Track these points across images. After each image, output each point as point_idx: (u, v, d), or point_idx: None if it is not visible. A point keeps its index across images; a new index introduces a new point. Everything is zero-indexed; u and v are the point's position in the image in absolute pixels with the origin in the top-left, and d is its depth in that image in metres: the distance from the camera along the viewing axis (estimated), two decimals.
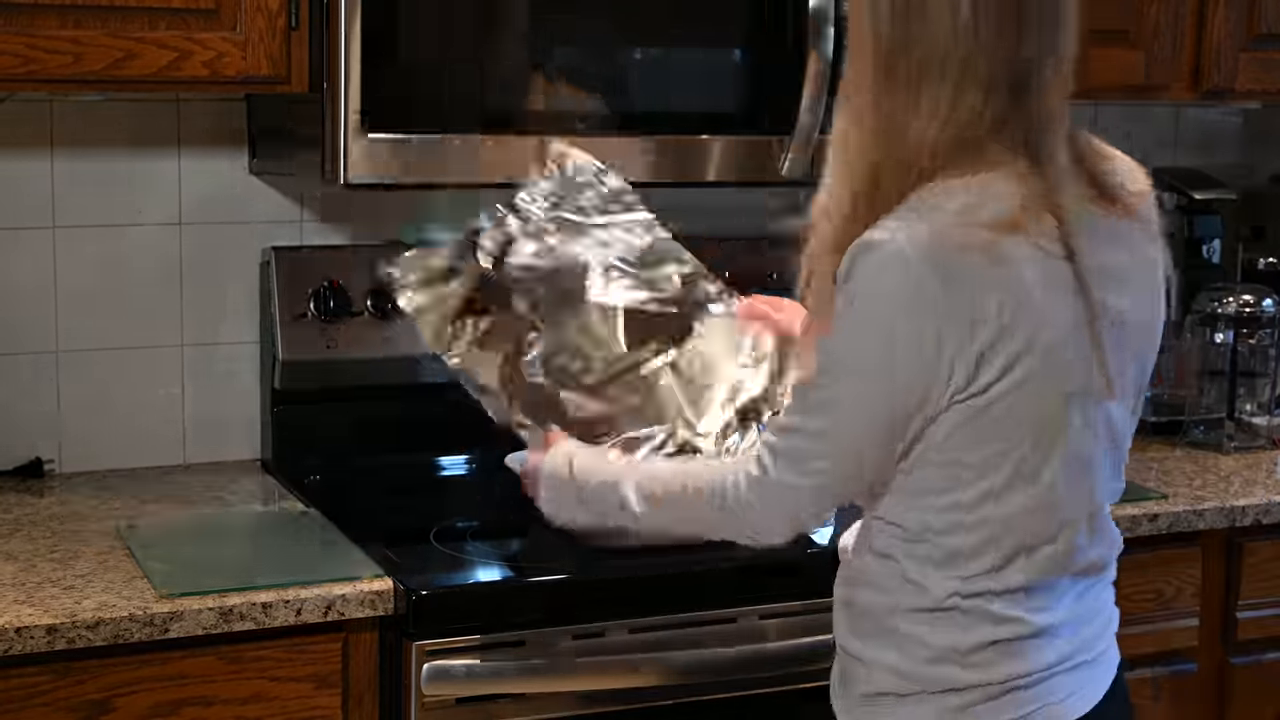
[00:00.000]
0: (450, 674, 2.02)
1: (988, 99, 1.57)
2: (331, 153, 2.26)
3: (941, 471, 1.62)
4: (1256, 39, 2.86)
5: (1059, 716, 1.68)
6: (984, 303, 1.55)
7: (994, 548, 1.63)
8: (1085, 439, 1.64)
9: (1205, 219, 3.02)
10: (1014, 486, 1.61)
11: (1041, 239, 1.57)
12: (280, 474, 2.59)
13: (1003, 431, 1.59)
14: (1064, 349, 1.59)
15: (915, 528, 1.65)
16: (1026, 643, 1.66)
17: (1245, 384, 2.87)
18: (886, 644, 1.70)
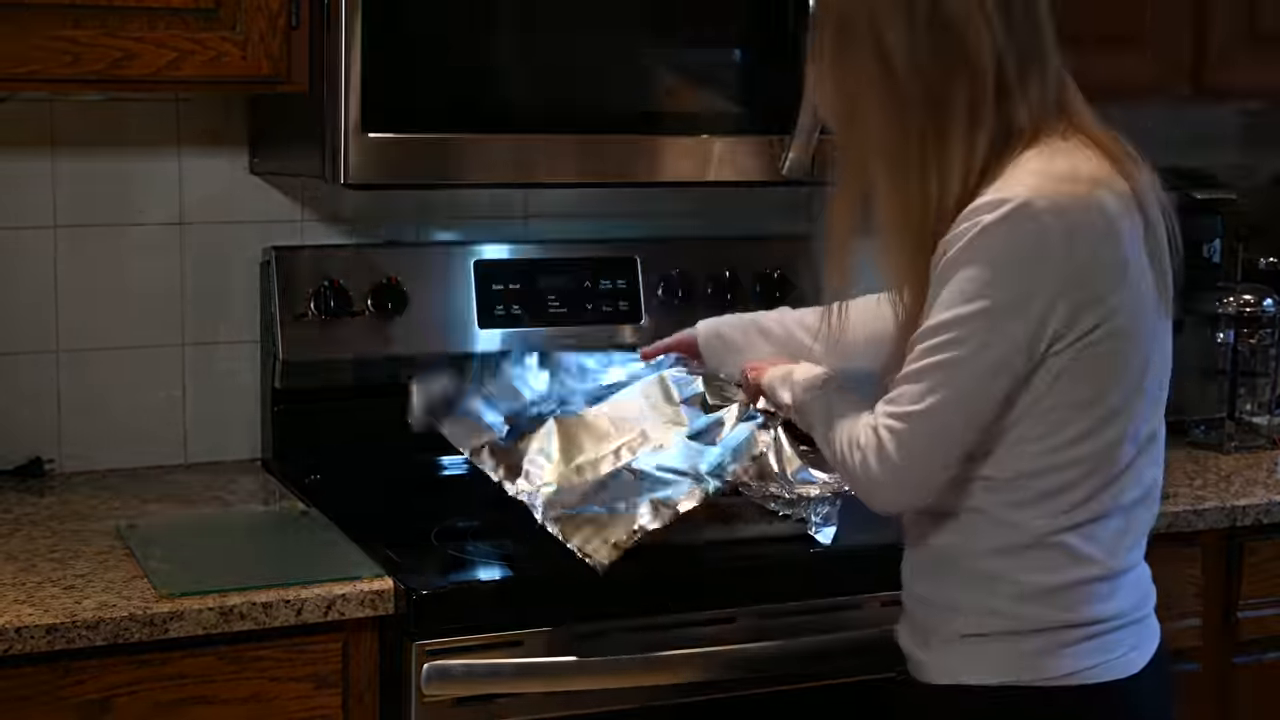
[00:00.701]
0: (450, 674, 2.02)
1: (1044, 92, 1.78)
2: (331, 153, 2.26)
3: (1043, 418, 1.74)
4: (1256, 39, 2.86)
5: (1124, 668, 1.79)
6: (1098, 250, 1.71)
7: (1083, 483, 1.76)
8: (1155, 368, 1.80)
9: (1205, 219, 3.02)
10: (1107, 423, 1.75)
11: (1122, 192, 1.75)
12: (280, 474, 2.59)
13: (1102, 373, 1.73)
14: (1146, 290, 1.77)
15: (1008, 475, 1.76)
16: (1104, 584, 1.78)
17: (1245, 384, 2.87)
18: (974, 585, 1.80)
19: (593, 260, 2.75)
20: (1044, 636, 1.78)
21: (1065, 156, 1.75)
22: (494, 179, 2.39)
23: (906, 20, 1.73)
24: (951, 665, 1.83)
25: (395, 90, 2.27)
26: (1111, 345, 1.73)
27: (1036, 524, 1.76)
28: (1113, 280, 1.73)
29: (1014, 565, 1.78)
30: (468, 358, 2.64)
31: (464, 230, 2.78)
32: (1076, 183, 1.72)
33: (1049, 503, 1.76)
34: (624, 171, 2.44)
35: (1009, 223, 1.69)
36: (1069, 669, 1.78)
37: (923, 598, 1.88)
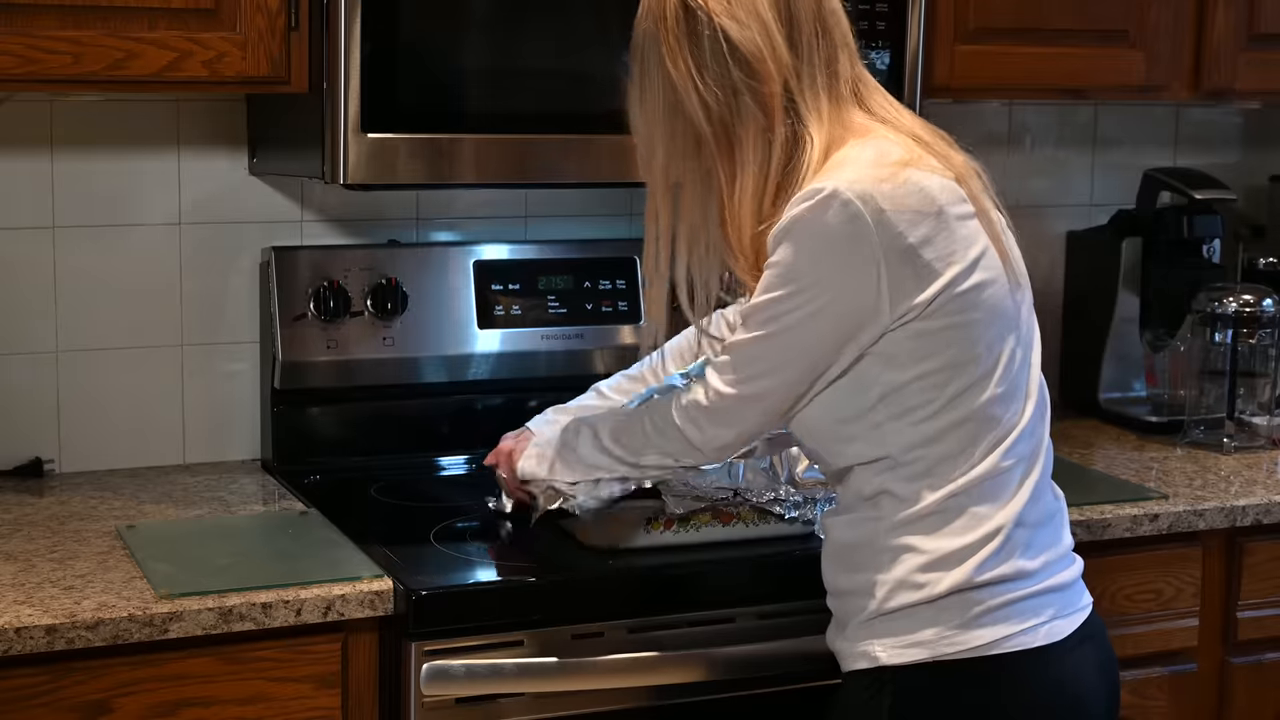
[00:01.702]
0: (450, 674, 2.02)
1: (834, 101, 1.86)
2: (331, 153, 2.26)
3: (914, 387, 1.81)
4: (1256, 39, 2.86)
5: (1046, 636, 1.83)
6: (917, 227, 1.77)
7: (970, 447, 1.82)
8: (1019, 326, 1.85)
9: (1205, 219, 3.02)
10: (982, 381, 1.81)
11: (935, 169, 1.82)
12: (280, 474, 2.59)
13: (959, 342, 1.80)
14: (984, 253, 1.82)
15: (900, 449, 1.83)
16: (1009, 539, 1.82)
17: (1245, 384, 2.86)
18: (884, 562, 1.84)
19: (592, 261, 2.75)
20: (958, 602, 1.81)
21: (873, 146, 1.83)
22: (493, 179, 2.39)
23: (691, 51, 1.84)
24: (867, 648, 1.86)
25: (394, 90, 2.27)
26: (960, 317, 1.79)
27: (936, 492, 1.82)
28: (941, 254, 1.79)
29: (918, 533, 1.83)
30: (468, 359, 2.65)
31: (463, 230, 2.78)
32: (884, 166, 1.79)
33: (944, 469, 1.82)
34: (624, 172, 2.43)
35: (820, 209, 1.77)
36: (986, 639, 1.81)
37: (841, 590, 1.92)
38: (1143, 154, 3.22)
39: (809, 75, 1.85)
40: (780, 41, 1.83)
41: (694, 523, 2.15)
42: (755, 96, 1.83)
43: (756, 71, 1.82)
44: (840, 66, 1.87)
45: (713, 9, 1.83)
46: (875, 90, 1.92)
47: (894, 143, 1.84)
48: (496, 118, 2.35)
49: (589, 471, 2.04)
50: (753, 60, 1.82)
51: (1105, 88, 2.81)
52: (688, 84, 1.85)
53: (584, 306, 2.72)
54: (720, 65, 1.83)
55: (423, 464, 2.65)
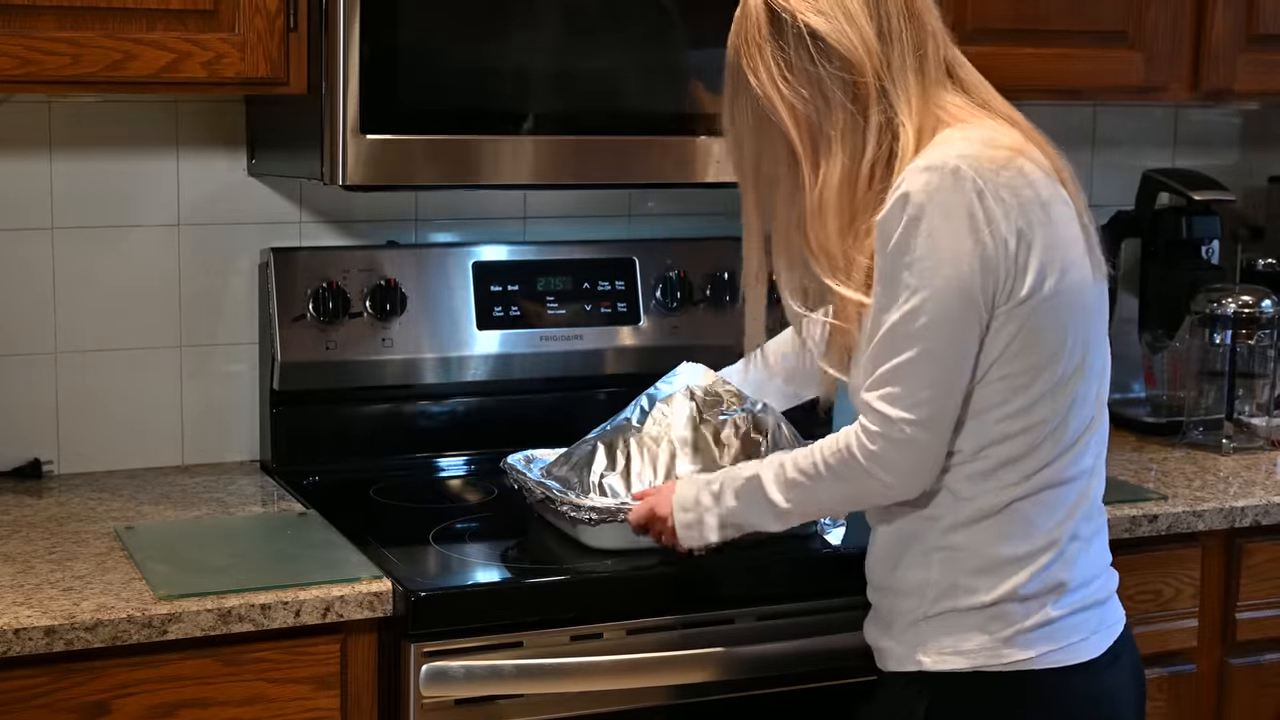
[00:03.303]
0: (449, 675, 2.02)
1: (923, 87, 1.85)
2: (330, 154, 2.26)
3: (999, 384, 1.80)
4: (1256, 39, 2.86)
5: (1085, 652, 1.84)
6: (1021, 211, 1.77)
7: (1037, 451, 1.82)
8: (1098, 332, 1.87)
9: (1204, 219, 3.02)
10: (1061, 387, 1.81)
11: (1040, 162, 1.83)
12: (279, 475, 2.59)
13: (1053, 332, 1.80)
14: (1075, 251, 1.82)
15: (971, 448, 1.83)
16: (1060, 551, 1.83)
17: (1244, 385, 2.86)
18: (937, 562, 1.85)
19: (591, 262, 2.75)
20: (1003, 613, 1.82)
21: (980, 129, 1.83)
22: (492, 180, 2.39)
23: (776, 53, 1.85)
24: (913, 651, 1.86)
25: (393, 92, 2.27)
26: (1057, 307, 1.79)
27: (995, 495, 1.82)
28: (1047, 242, 1.79)
29: (974, 537, 1.83)
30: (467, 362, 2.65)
31: (462, 232, 2.78)
32: (998, 148, 1.80)
33: (1007, 471, 1.82)
34: (623, 173, 2.44)
35: (941, 187, 1.76)
36: (1028, 655, 1.82)
37: (887, 586, 1.91)
38: (1141, 155, 3.22)
39: (899, 61, 1.84)
40: (868, 29, 1.83)
41: None
42: (845, 88, 1.83)
43: (848, 62, 1.83)
44: (929, 49, 1.86)
45: (796, 7, 1.84)
46: (970, 71, 1.91)
47: (994, 128, 1.84)
48: (495, 119, 2.35)
49: (761, 530, 2.00)
50: (844, 52, 1.82)
51: (1104, 88, 2.81)
52: (772, 89, 1.86)
53: (583, 307, 2.72)
54: (807, 63, 1.84)
55: (422, 465, 2.65)
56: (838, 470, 1.85)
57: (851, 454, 1.83)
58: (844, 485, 1.86)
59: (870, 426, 1.81)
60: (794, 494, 1.90)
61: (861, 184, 1.84)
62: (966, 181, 1.75)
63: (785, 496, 1.90)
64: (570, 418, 2.47)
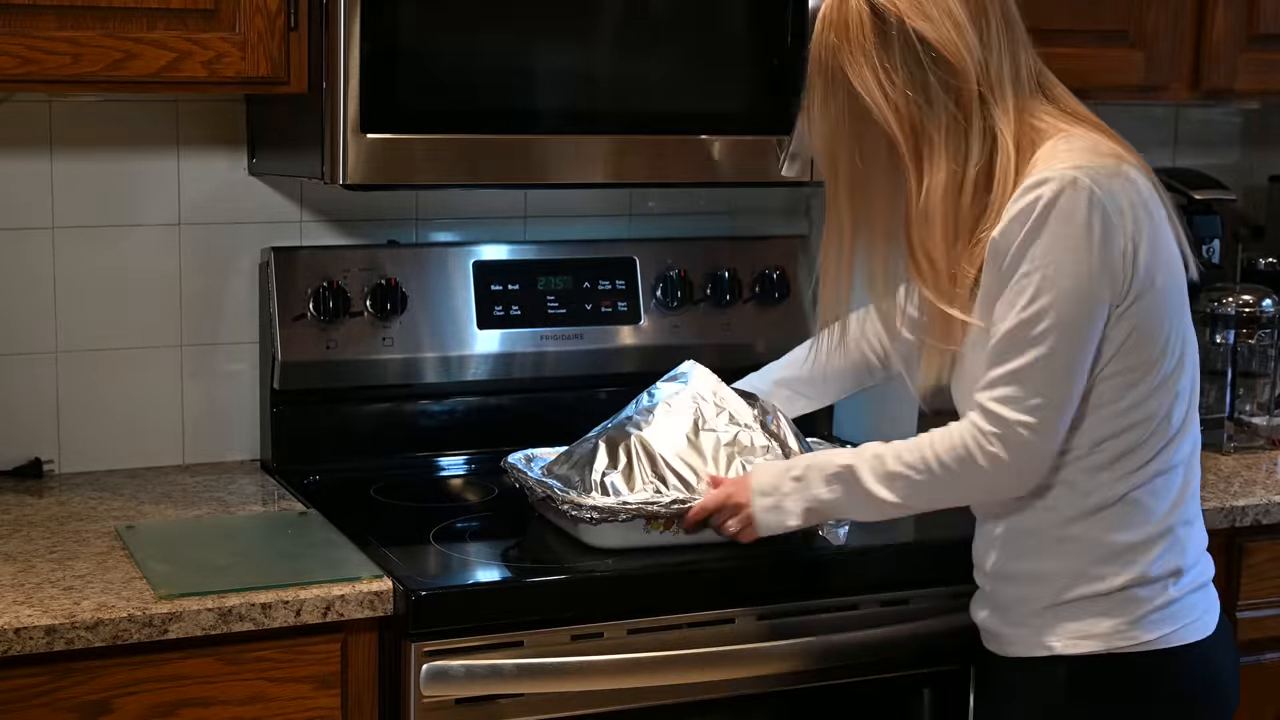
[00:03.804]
0: (449, 674, 2.02)
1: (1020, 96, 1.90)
2: (330, 153, 2.26)
3: (1114, 381, 1.87)
4: (1256, 39, 2.86)
5: (1201, 630, 1.93)
6: (1139, 215, 1.84)
7: (1148, 442, 1.89)
8: (1190, 328, 1.93)
9: (1205, 219, 3.02)
10: (1168, 380, 1.88)
11: (1138, 166, 1.89)
12: (280, 474, 2.59)
13: (1159, 330, 1.87)
14: (1173, 249, 1.89)
15: (1088, 443, 1.89)
16: (1175, 536, 1.91)
17: (1245, 384, 2.86)
18: (1059, 552, 1.91)
19: (591, 261, 2.75)
20: (1131, 597, 1.89)
21: (1081, 139, 1.88)
22: (493, 180, 2.39)
23: (880, 56, 1.86)
24: (1042, 635, 1.92)
25: (394, 91, 2.27)
26: (1163, 305, 1.87)
27: (1112, 487, 1.89)
28: (1153, 243, 1.86)
29: (1094, 527, 1.90)
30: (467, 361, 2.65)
31: (463, 231, 2.78)
32: (1103, 156, 1.85)
33: (1122, 464, 1.89)
34: (623, 172, 2.44)
35: (1062, 197, 1.81)
36: (1155, 634, 1.89)
37: (1004, 574, 1.97)
38: (1142, 154, 3.21)
39: (997, 69, 1.89)
40: (972, 37, 1.87)
41: None
42: (951, 93, 1.87)
43: (954, 68, 1.86)
44: (1023, 58, 1.92)
45: (903, 11, 1.86)
46: (1056, 83, 1.96)
47: (1098, 137, 1.89)
48: (495, 118, 2.35)
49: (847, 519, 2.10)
50: (950, 57, 1.86)
51: (1104, 88, 2.80)
52: (875, 90, 1.87)
53: (583, 307, 2.72)
54: (912, 66, 1.86)
55: (422, 464, 2.65)
56: (953, 468, 1.89)
57: (969, 453, 1.88)
58: (958, 483, 1.91)
59: (986, 427, 1.86)
60: (899, 487, 1.93)
61: (966, 192, 1.87)
62: (1084, 191, 1.81)
63: (889, 489, 1.94)
64: (570, 417, 2.47)
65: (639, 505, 2.11)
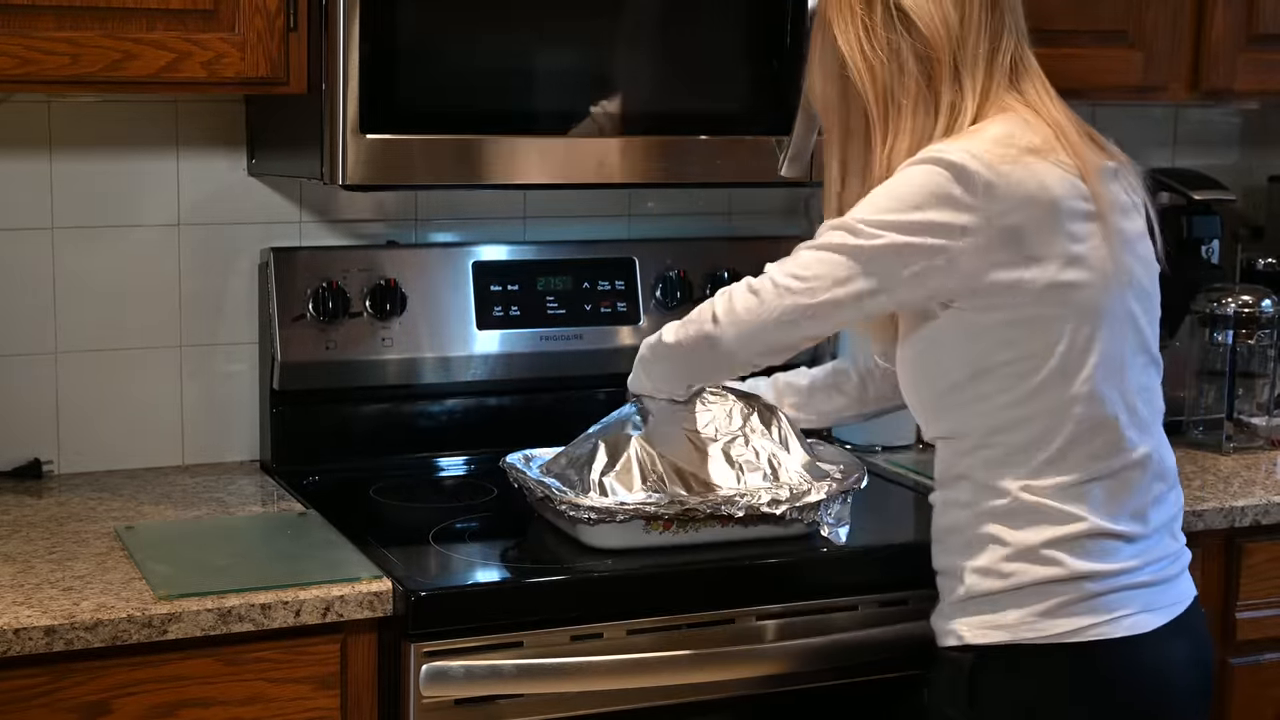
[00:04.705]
0: (449, 675, 2.02)
1: (989, 77, 1.93)
2: (330, 154, 2.26)
3: (1001, 372, 1.88)
4: (1256, 39, 2.86)
5: (1129, 628, 1.89)
6: (1022, 206, 1.84)
7: (1049, 440, 1.88)
8: (1115, 333, 1.89)
9: (1205, 219, 3.02)
10: (1065, 379, 1.87)
11: (1063, 164, 1.87)
12: (279, 475, 2.59)
13: (1044, 332, 1.86)
14: (1087, 251, 1.87)
15: (981, 432, 1.91)
16: (1093, 542, 1.89)
17: (1244, 384, 2.86)
18: (970, 549, 1.93)
19: (591, 261, 2.75)
20: (1042, 592, 1.88)
21: (1005, 124, 1.89)
22: (492, 180, 2.39)
23: (864, 18, 1.92)
24: (956, 627, 1.94)
25: (393, 91, 2.27)
26: (1050, 310, 1.86)
27: (1015, 485, 1.90)
28: (1043, 245, 1.85)
29: (1002, 528, 1.91)
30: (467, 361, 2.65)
31: (462, 231, 2.78)
32: (1010, 146, 1.86)
33: (1019, 462, 1.89)
34: (623, 172, 2.44)
35: (932, 166, 1.85)
36: (1067, 628, 1.87)
37: (938, 570, 2.00)
38: (1141, 154, 3.19)
39: (973, 48, 1.92)
40: (951, 12, 1.91)
41: (693, 524, 2.15)
42: (921, 63, 1.91)
43: (925, 38, 1.91)
44: (1003, 42, 1.94)
45: None
46: (1034, 75, 1.98)
47: (1030, 127, 1.90)
48: (495, 118, 2.35)
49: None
50: (924, 29, 1.91)
51: (1104, 88, 2.81)
52: (855, 51, 1.94)
53: (583, 307, 2.72)
54: (890, 31, 1.92)
55: (422, 465, 2.65)
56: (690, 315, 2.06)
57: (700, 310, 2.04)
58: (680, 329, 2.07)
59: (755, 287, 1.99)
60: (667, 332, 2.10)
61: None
62: (959, 168, 1.83)
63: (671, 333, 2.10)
64: (570, 418, 2.46)
65: (636, 505, 2.11)
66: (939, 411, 1.97)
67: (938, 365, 1.95)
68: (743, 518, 2.15)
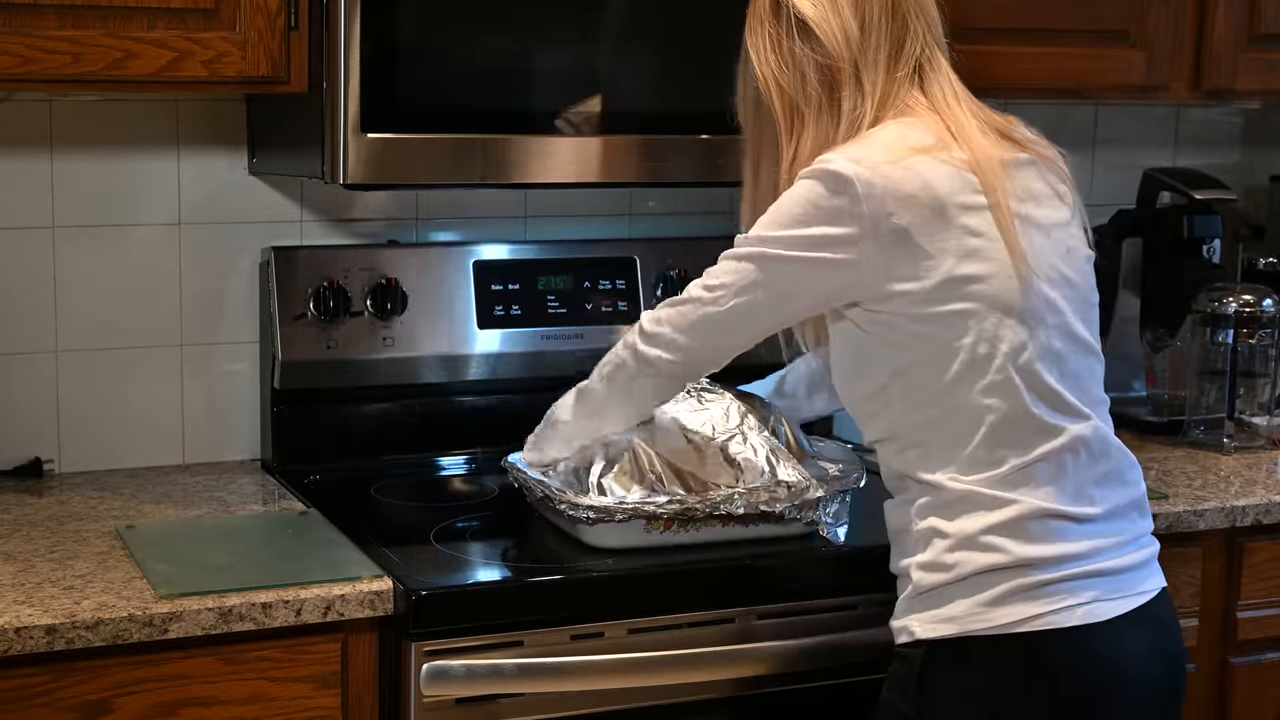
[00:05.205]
0: (450, 674, 2.02)
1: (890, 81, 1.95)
2: (330, 153, 2.26)
3: (916, 370, 1.90)
4: (1256, 39, 2.86)
5: (1083, 617, 1.86)
6: (906, 206, 1.85)
7: (973, 435, 1.89)
8: (1029, 322, 1.88)
9: (1205, 219, 3.02)
10: (975, 371, 1.88)
11: (954, 160, 1.89)
12: (280, 474, 2.59)
13: (954, 320, 1.87)
14: (984, 246, 1.87)
15: (905, 430, 1.93)
16: (1036, 524, 1.88)
17: (1245, 384, 2.86)
18: (915, 545, 1.94)
19: (592, 261, 2.75)
20: (987, 580, 1.87)
21: (895, 130, 1.92)
22: (493, 179, 2.39)
23: (771, 29, 1.98)
24: (907, 622, 1.94)
25: (394, 90, 2.27)
26: (953, 306, 1.87)
27: (946, 477, 1.91)
28: (935, 242, 1.87)
29: (942, 519, 1.91)
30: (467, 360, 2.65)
31: (463, 231, 2.78)
32: (894, 149, 1.88)
33: (947, 456, 1.91)
34: (623, 172, 2.44)
35: (816, 176, 1.89)
36: (1016, 616, 1.86)
37: (894, 572, 2.01)
38: (1142, 154, 3.22)
39: (874, 54, 1.95)
40: (851, 21, 1.95)
41: (693, 523, 2.15)
42: (822, 72, 1.96)
43: (825, 49, 1.95)
44: (906, 48, 1.97)
45: None
46: (942, 75, 2.00)
47: (922, 128, 1.92)
48: (495, 117, 2.35)
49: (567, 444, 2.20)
50: (824, 39, 1.95)
51: (1105, 88, 2.81)
52: (762, 60, 2.00)
53: (584, 306, 2.72)
54: (793, 42, 1.97)
55: (422, 464, 2.65)
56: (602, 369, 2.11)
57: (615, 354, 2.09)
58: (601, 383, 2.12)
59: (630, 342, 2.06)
60: (573, 397, 2.17)
61: None
62: (841, 178, 1.86)
63: (568, 401, 2.18)
64: None
65: (636, 505, 2.12)
66: (869, 416, 1.99)
67: (859, 369, 1.97)
68: (742, 516, 2.15)
